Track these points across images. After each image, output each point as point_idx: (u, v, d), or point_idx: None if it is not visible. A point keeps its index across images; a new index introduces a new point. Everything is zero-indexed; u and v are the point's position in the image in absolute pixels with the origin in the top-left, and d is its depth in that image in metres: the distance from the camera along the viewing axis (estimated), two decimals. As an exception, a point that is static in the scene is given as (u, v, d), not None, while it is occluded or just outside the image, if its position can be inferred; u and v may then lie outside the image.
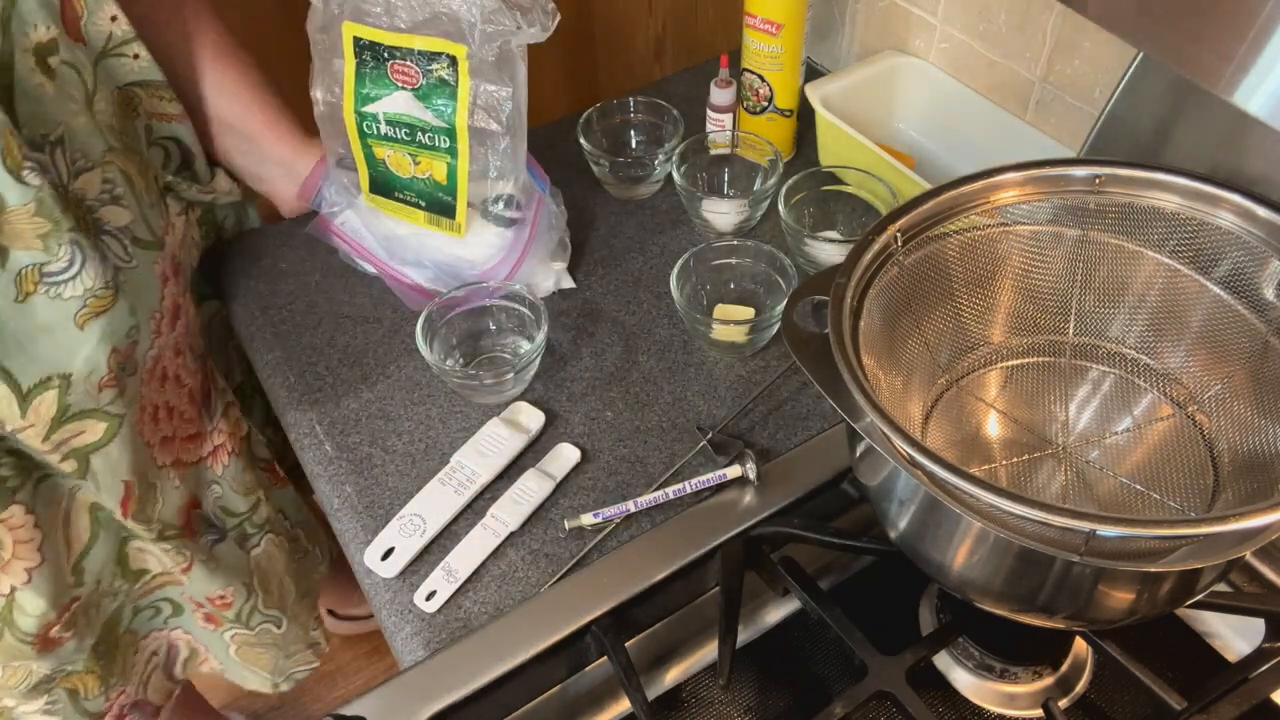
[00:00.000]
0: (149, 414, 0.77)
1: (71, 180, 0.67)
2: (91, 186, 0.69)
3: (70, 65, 0.67)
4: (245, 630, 0.95)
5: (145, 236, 0.74)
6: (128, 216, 0.72)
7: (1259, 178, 0.55)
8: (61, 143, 0.66)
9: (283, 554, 0.97)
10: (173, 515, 0.82)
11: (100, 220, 0.70)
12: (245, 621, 0.94)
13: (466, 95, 0.72)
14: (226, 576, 0.89)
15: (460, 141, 0.74)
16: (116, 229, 0.71)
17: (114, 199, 0.71)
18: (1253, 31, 0.42)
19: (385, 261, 0.83)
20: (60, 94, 0.66)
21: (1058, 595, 0.48)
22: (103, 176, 0.69)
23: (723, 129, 0.95)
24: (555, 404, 0.77)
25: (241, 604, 0.92)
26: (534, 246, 0.80)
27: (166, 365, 0.78)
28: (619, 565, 0.65)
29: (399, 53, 0.72)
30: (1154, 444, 0.57)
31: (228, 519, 0.90)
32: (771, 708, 0.62)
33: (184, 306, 0.80)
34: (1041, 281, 0.59)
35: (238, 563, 0.91)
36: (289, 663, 1.04)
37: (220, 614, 0.92)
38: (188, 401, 0.82)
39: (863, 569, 0.68)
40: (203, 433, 0.85)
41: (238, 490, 0.89)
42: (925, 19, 0.91)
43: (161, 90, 0.77)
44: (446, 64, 0.71)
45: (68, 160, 0.67)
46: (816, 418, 0.76)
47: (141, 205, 0.74)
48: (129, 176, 0.72)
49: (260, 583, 0.94)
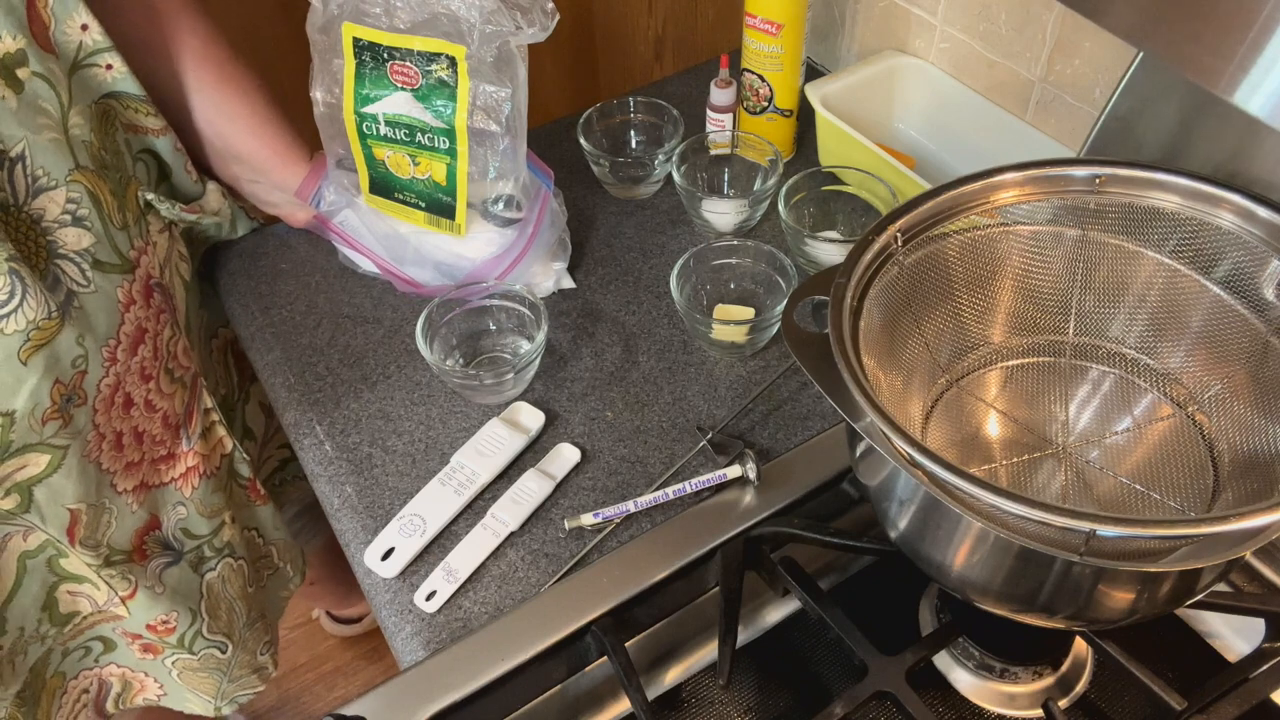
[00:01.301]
0: (109, 441, 0.74)
1: (29, 200, 0.64)
2: (52, 206, 0.66)
3: (42, 78, 0.64)
4: (188, 655, 0.91)
5: (110, 260, 0.70)
6: (89, 239, 0.68)
7: (1259, 178, 0.55)
8: (22, 159, 0.63)
9: (239, 578, 0.93)
10: (125, 540, 0.79)
11: (55, 243, 0.66)
12: (189, 646, 0.90)
13: (466, 96, 0.72)
14: (171, 602, 0.85)
15: (460, 142, 0.74)
16: (75, 252, 0.67)
17: (76, 220, 0.67)
18: (1253, 31, 0.41)
19: (384, 258, 0.83)
20: (25, 107, 0.63)
21: (1058, 595, 0.48)
22: (66, 196, 0.66)
23: (723, 129, 0.95)
24: (555, 404, 0.77)
25: (185, 629, 0.88)
26: (535, 244, 0.80)
27: (131, 391, 0.74)
28: (619, 565, 0.65)
29: (398, 53, 0.72)
30: (1154, 444, 0.57)
31: (187, 541, 0.86)
32: (771, 708, 0.62)
33: (155, 331, 0.76)
34: (1041, 281, 0.59)
35: (188, 587, 0.86)
36: (232, 687, 1.00)
37: (161, 640, 0.88)
38: (160, 425, 0.78)
39: (863, 569, 0.68)
40: (176, 454, 0.81)
41: (203, 513, 0.85)
42: (925, 19, 0.91)
43: (137, 104, 0.75)
44: (446, 64, 0.71)
45: (28, 177, 0.64)
46: (816, 418, 0.76)
47: (108, 227, 0.70)
48: (97, 196, 0.69)
49: (209, 607, 0.90)
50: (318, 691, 1.50)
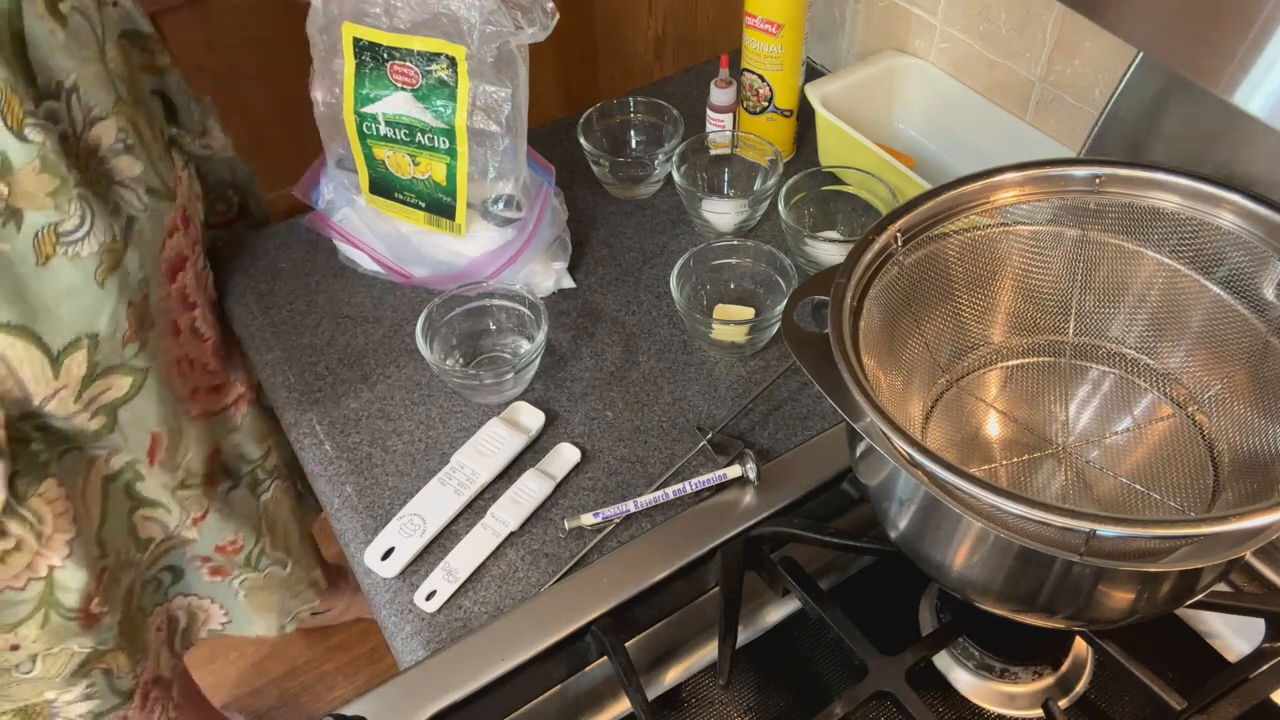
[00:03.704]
0: (176, 368, 0.79)
1: (86, 130, 0.67)
2: (106, 135, 0.69)
3: (79, 12, 0.67)
4: (255, 573, 0.99)
5: (157, 187, 0.74)
6: (140, 167, 0.72)
7: (1259, 178, 0.55)
8: (76, 90, 0.66)
9: (289, 499, 1.01)
10: (199, 464, 0.85)
11: (112, 171, 0.70)
12: (255, 564, 0.98)
13: (466, 96, 0.72)
14: (238, 523, 0.92)
15: (460, 142, 0.74)
16: (130, 179, 0.71)
17: (127, 148, 0.71)
18: (1253, 31, 0.41)
19: (384, 255, 0.83)
20: (72, 39, 0.66)
21: (1058, 595, 0.48)
22: (117, 125, 0.70)
23: (723, 129, 0.95)
24: (555, 404, 0.77)
25: (251, 547, 0.96)
26: (534, 243, 0.80)
27: (177, 319, 0.79)
28: (619, 565, 0.65)
29: (398, 53, 0.72)
30: (1154, 444, 0.57)
31: (243, 465, 0.93)
32: (771, 708, 0.62)
33: (193, 259, 0.81)
34: (1041, 281, 0.59)
35: (248, 508, 0.94)
36: (294, 602, 1.08)
37: (229, 561, 0.96)
38: (211, 354, 0.84)
39: (863, 569, 0.68)
40: (225, 384, 0.87)
41: (254, 438, 0.93)
42: (925, 19, 0.91)
43: (146, 40, 0.78)
44: (446, 64, 0.71)
45: (83, 108, 0.67)
46: (816, 418, 0.76)
47: (151, 156, 0.74)
48: (137, 127, 0.73)
49: (268, 526, 0.98)
50: (318, 691, 1.50)
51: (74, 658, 0.81)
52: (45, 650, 0.79)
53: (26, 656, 0.79)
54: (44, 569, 0.74)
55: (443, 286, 0.80)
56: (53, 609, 0.76)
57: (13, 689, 0.81)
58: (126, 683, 0.89)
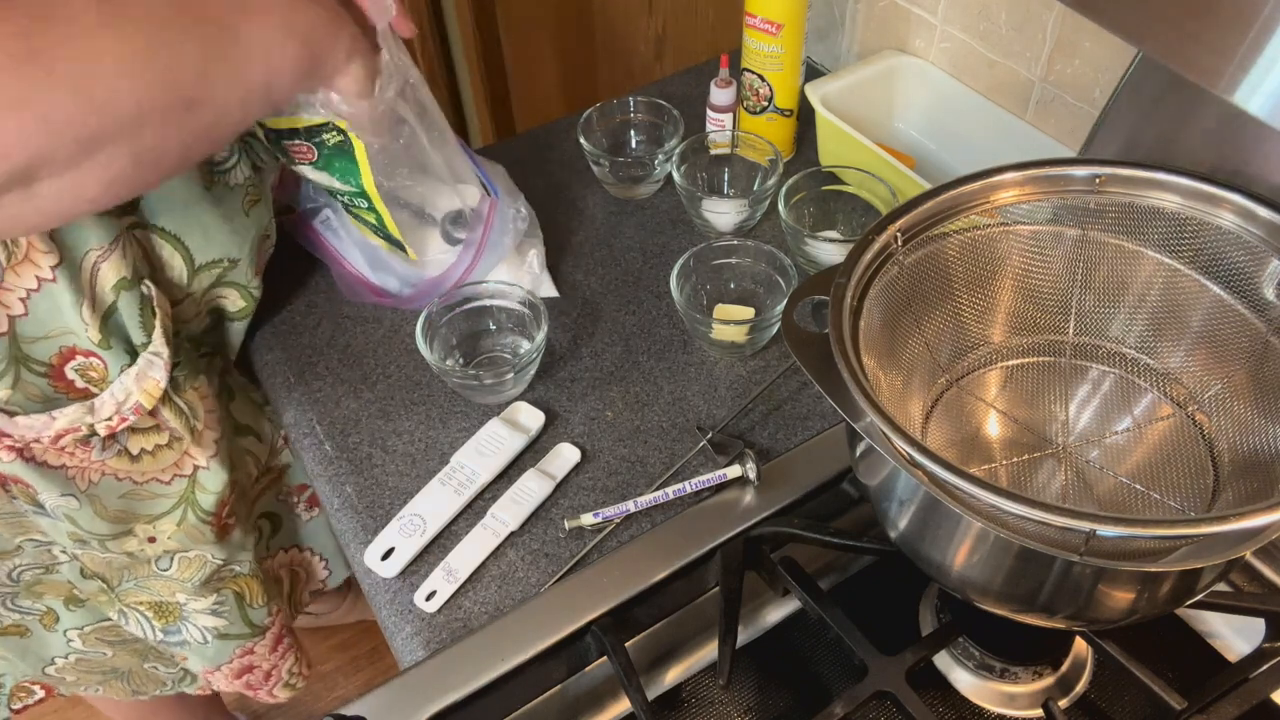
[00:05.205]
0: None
1: None
2: None
3: None
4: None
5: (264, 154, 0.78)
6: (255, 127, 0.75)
7: (1259, 178, 0.55)
8: None
9: None
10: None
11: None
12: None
13: (364, 158, 0.70)
14: None
15: (376, 202, 0.73)
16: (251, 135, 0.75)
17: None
18: (1253, 31, 0.41)
19: (355, 266, 0.84)
20: None
21: (1058, 595, 0.48)
22: None
23: (723, 129, 0.95)
24: (555, 404, 0.77)
25: None
26: (484, 257, 0.79)
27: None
28: (619, 565, 0.65)
29: (285, 134, 0.70)
30: (1154, 444, 0.57)
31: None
32: (771, 708, 0.62)
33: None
34: (1041, 281, 0.59)
35: None
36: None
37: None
38: None
39: (863, 569, 0.68)
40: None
41: None
42: (925, 19, 0.91)
43: None
44: (335, 132, 0.68)
45: None
46: (816, 418, 0.76)
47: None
48: None
49: None
50: (318, 691, 1.51)
51: (206, 566, 0.83)
52: (180, 550, 0.81)
53: (164, 552, 0.81)
54: (189, 467, 0.76)
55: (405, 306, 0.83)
56: (191, 508, 0.78)
57: (151, 582, 0.83)
58: (259, 615, 0.91)
